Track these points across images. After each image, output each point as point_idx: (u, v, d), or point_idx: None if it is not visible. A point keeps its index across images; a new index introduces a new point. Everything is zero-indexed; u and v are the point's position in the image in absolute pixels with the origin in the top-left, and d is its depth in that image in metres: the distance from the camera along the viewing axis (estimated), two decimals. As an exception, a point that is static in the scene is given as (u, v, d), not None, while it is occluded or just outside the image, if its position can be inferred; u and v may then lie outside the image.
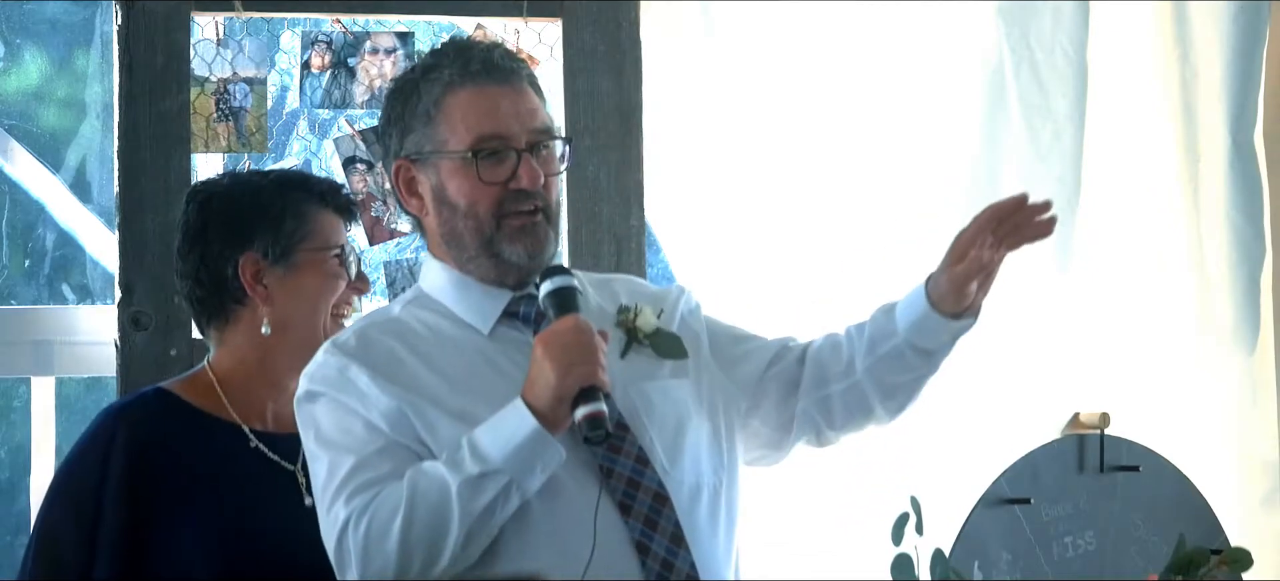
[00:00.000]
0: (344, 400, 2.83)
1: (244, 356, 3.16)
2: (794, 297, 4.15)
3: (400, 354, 2.86)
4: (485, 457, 2.73)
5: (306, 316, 3.15)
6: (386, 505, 2.75)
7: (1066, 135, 4.37)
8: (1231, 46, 4.46)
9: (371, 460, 2.79)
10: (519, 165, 2.85)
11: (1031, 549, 3.97)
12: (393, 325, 2.91)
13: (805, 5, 4.16)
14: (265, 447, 3.14)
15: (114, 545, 3.02)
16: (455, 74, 2.86)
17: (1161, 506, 4.08)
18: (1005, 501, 3.95)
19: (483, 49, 2.91)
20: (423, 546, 2.74)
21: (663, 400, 2.91)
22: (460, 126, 2.85)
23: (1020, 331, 4.31)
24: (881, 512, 3.20)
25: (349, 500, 2.77)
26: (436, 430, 2.80)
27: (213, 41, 3.83)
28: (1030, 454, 4.01)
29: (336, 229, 3.21)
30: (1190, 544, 3.38)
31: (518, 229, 2.87)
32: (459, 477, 2.72)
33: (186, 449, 3.10)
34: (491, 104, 2.86)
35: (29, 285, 4.13)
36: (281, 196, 3.17)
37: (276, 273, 3.14)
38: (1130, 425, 4.18)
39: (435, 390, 2.83)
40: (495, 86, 2.87)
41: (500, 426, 2.75)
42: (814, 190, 4.20)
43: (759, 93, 4.15)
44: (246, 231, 3.14)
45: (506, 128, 2.86)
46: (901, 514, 3.10)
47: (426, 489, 2.74)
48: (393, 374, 2.83)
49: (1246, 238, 4.48)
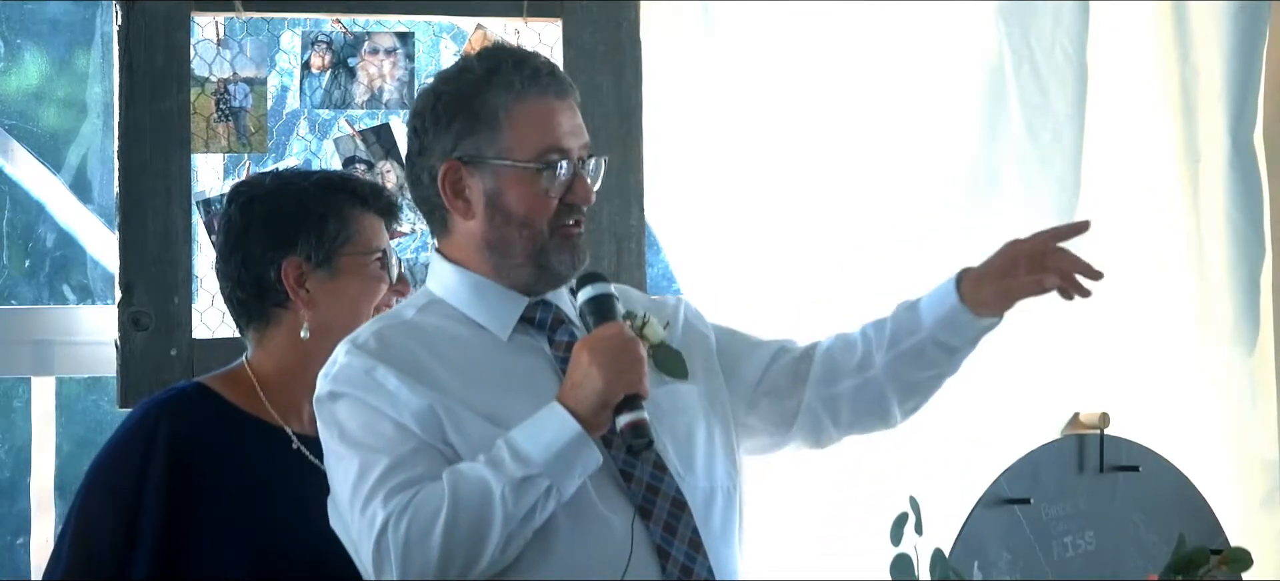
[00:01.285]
0: (371, 401, 2.81)
1: (284, 358, 3.15)
2: (794, 297, 4.15)
3: (420, 355, 2.85)
4: (528, 460, 2.73)
5: (347, 320, 3.10)
6: (428, 505, 2.73)
7: (1066, 135, 4.38)
8: (1231, 46, 4.46)
9: (406, 460, 2.77)
10: (575, 180, 2.86)
11: (1031, 549, 3.97)
12: (408, 328, 2.90)
13: (805, 5, 4.16)
14: (305, 450, 3.13)
15: (153, 540, 3.01)
16: (523, 82, 2.85)
17: (1161, 506, 4.08)
18: (1005, 501, 3.96)
19: (543, 60, 2.90)
20: (464, 547, 2.73)
21: (671, 405, 2.92)
22: (527, 136, 2.84)
23: (1020, 331, 4.30)
24: (881, 512, 3.20)
25: (387, 500, 2.75)
26: (466, 430, 2.80)
27: (213, 41, 3.83)
28: (1030, 454, 4.01)
29: (379, 232, 3.19)
30: (1190, 544, 3.38)
31: (565, 240, 2.87)
32: (503, 480, 2.72)
33: (229, 448, 3.08)
34: (555, 117, 2.86)
35: (29, 285, 4.13)
36: (325, 199, 3.15)
37: (319, 276, 3.13)
38: (1130, 425, 4.18)
39: (461, 391, 2.82)
40: (556, 100, 2.87)
41: (541, 430, 2.75)
42: (814, 190, 4.20)
43: (759, 93, 4.15)
44: (290, 234, 3.12)
45: (566, 142, 2.86)
46: (901, 514, 3.10)
47: (468, 490, 2.73)
48: (419, 375, 2.82)
49: (1246, 237, 4.48)
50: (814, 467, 4.12)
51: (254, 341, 3.18)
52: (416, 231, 3.95)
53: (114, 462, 3.08)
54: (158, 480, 3.03)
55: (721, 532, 2.91)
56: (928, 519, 3.14)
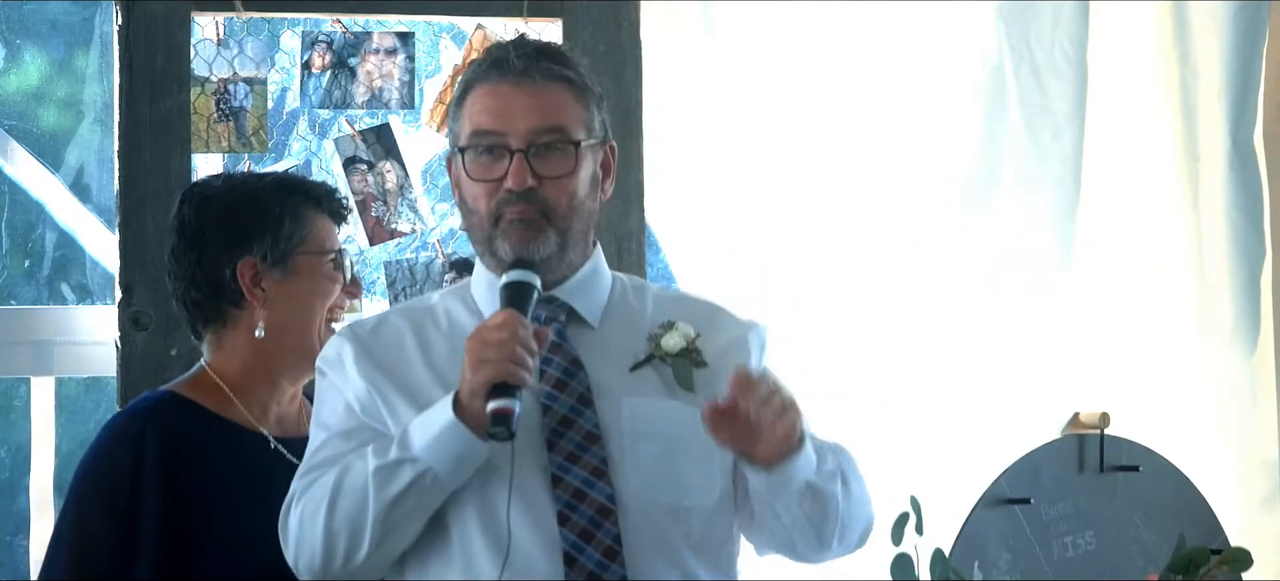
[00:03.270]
0: (335, 379, 2.86)
1: (244, 359, 3.15)
2: (794, 297, 4.16)
3: (402, 340, 2.86)
4: (407, 445, 2.73)
5: (301, 320, 3.14)
6: (316, 491, 2.75)
7: (1066, 135, 4.38)
8: (1231, 46, 4.46)
9: (335, 440, 2.82)
10: (510, 164, 2.83)
11: (1031, 549, 3.97)
12: (418, 311, 2.93)
13: (805, 5, 4.16)
14: (284, 450, 3.12)
15: (154, 547, 2.99)
16: (479, 69, 2.86)
17: (1161, 506, 4.08)
18: (1005, 501, 3.96)
19: (505, 45, 2.88)
20: (344, 533, 2.73)
21: (656, 417, 2.86)
22: (469, 122, 2.85)
23: (1020, 331, 4.31)
24: (881, 512, 3.19)
25: (301, 477, 2.80)
26: (398, 416, 2.81)
27: (213, 41, 3.83)
28: (1030, 454, 4.01)
29: (332, 233, 3.20)
30: (1190, 544, 3.39)
31: (509, 222, 2.84)
32: (377, 462, 2.73)
33: (215, 453, 3.08)
34: (495, 102, 2.84)
35: (29, 285, 4.12)
36: (280, 200, 3.15)
37: (274, 276, 3.13)
38: (1130, 425, 4.18)
39: (415, 380, 2.83)
40: (506, 84, 2.84)
41: (428, 418, 2.74)
42: (814, 190, 4.20)
43: (759, 93, 4.15)
44: (245, 234, 3.12)
45: (502, 125, 2.83)
46: (901, 514, 3.11)
47: (351, 477, 2.74)
48: (380, 358, 2.84)
49: (1246, 237, 4.48)
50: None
51: (211, 344, 3.17)
52: (416, 231, 3.95)
53: (105, 473, 3.06)
54: (153, 488, 3.01)
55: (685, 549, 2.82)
56: (928, 519, 3.15)
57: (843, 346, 4.18)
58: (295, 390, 3.21)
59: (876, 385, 4.18)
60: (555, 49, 2.92)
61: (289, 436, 3.15)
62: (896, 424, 4.18)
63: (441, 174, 3.97)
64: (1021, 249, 4.33)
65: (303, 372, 3.17)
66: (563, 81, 2.87)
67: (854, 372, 4.17)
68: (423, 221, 3.96)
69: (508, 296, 2.80)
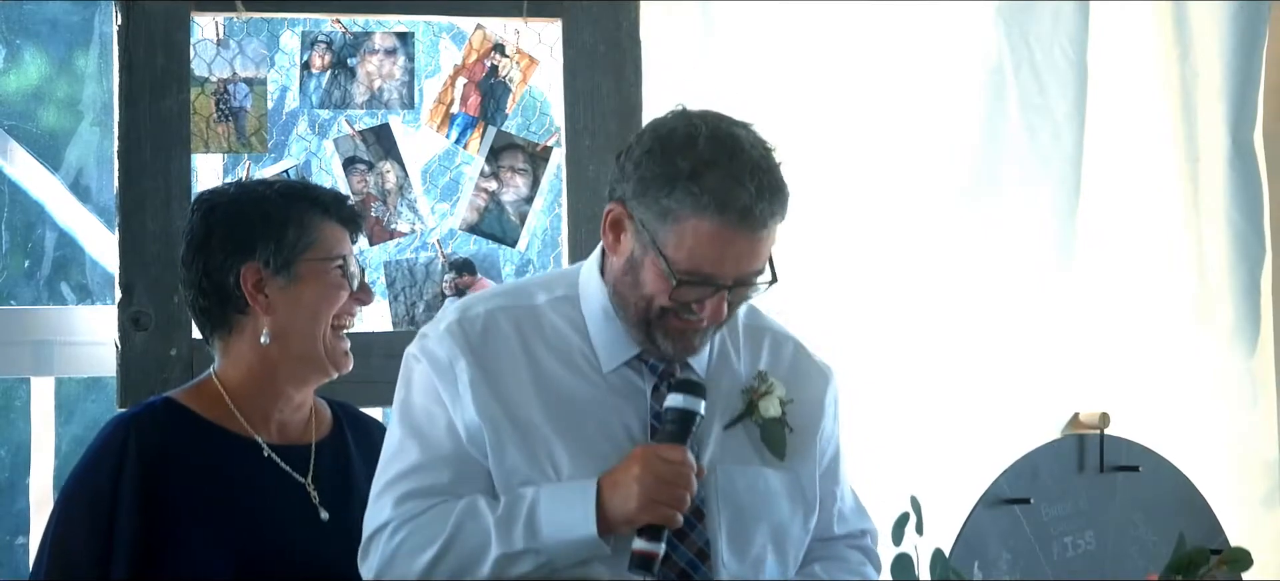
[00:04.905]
0: (440, 387, 2.83)
1: (249, 367, 3.15)
2: (794, 297, 4.15)
3: (515, 357, 2.83)
4: (536, 534, 2.72)
5: (305, 327, 3.13)
6: (426, 531, 2.74)
7: (1066, 135, 4.37)
8: (1231, 46, 4.46)
9: (436, 463, 2.79)
10: (711, 297, 2.79)
11: (1031, 549, 3.97)
12: (528, 316, 2.88)
13: (805, 6, 4.16)
14: (278, 458, 3.13)
15: (130, 555, 3.00)
16: (713, 202, 2.74)
17: (1161, 506, 4.08)
18: (1005, 501, 3.96)
19: (754, 186, 2.77)
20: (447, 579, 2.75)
21: (748, 487, 2.88)
22: (686, 249, 2.76)
23: (1020, 331, 4.31)
24: (882, 513, 3.19)
25: (398, 503, 2.77)
26: (504, 458, 2.79)
27: (213, 41, 3.83)
28: (1030, 454, 4.01)
29: (340, 240, 3.18)
30: (1190, 544, 3.38)
31: (680, 331, 2.82)
32: (503, 546, 2.72)
33: (199, 460, 3.08)
34: (724, 249, 2.77)
35: (29, 285, 4.12)
36: (286, 206, 3.15)
37: (278, 282, 3.12)
38: (1130, 425, 4.18)
39: (525, 414, 2.80)
40: (742, 234, 2.77)
41: (563, 509, 2.73)
42: (813, 190, 4.19)
43: (759, 93, 4.15)
44: (249, 240, 3.12)
45: (723, 270, 2.78)
46: (901, 514, 3.10)
47: (468, 537, 2.73)
48: (494, 383, 2.80)
49: (1246, 237, 4.48)
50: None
51: (220, 352, 3.18)
52: (416, 231, 3.95)
53: (87, 480, 3.07)
54: (131, 495, 3.02)
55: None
56: (928, 519, 3.14)
57: (843, 346, 4.17)
58: (303, 397, 3.20)
59: (876, 385, 4.18)
60: (782, 181, 2.85)
61: (291, 443, 3.15)
62: (897, 423, 4.17)
63: (441, 174, 3.97)
64: (1021, 249, 4.33)
65: (309, 379, 3.17)
66: (780, 218, 2.84)
67: (854, 372, 4.16)
68: (422, 221, 3.96)
69: (677, 423, 2.78)
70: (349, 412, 3.31)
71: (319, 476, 3.16)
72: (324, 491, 3.15)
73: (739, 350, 2.97)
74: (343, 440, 3.24)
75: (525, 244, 4.00)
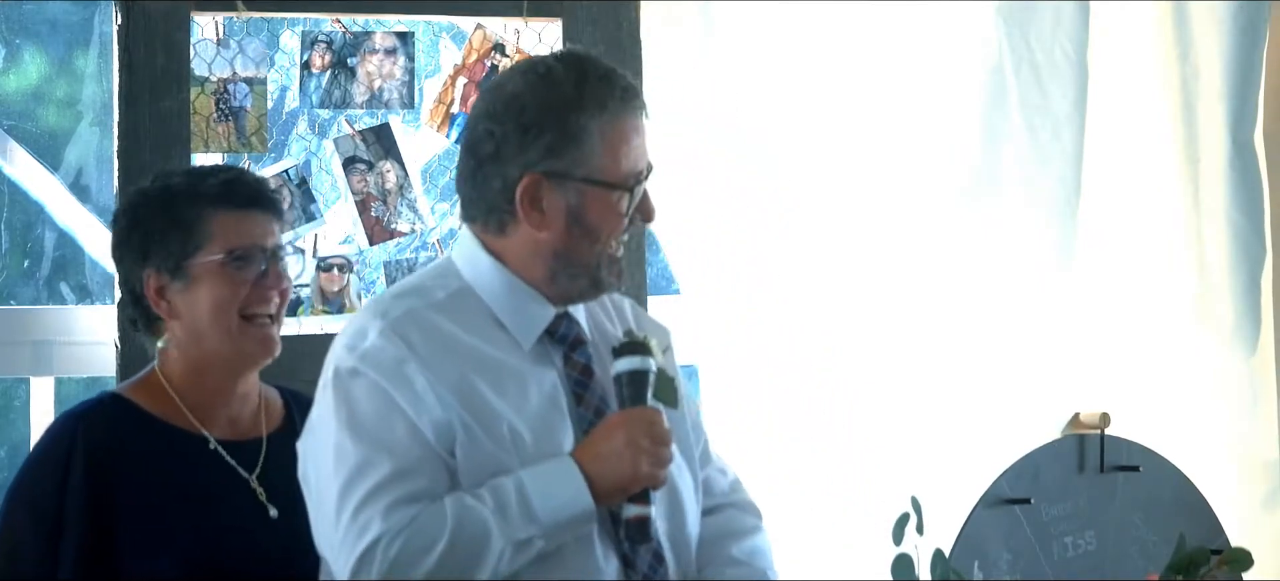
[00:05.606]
0: (393, 393, 2.74)
1: (184, 364, 3.10)
2: (793, 298, 4.16)
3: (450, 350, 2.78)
4: (534, 519, 2.71)
5: (209, 328, 3.05)
6: (425, 533, 2.69)
7: (1066, 135, 4.38)
8: (1231, 46, 4.46)
9: (411, 470, 2.72)
10: (644, 199, 2.83)
11: (1031, 549, 3.97)
12: (440, 312, 2.83)
13: (805, 5, 4.16)
14: (225, 453, 3.08)
15: (77, 556, 2.96)
16: (615, 102, 2.78)
17: (1161, 506, 4.08)
18: (1005, 501, 3.96)
19: (625, 77, 2.83)
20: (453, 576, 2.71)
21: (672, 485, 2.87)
22: (619, 158, 2.78)
23: (1020, 331, 4.31)
24: (881, 512, 3.19)
25: (387, 513, 2.69)
26: (476, 448, 2.75)
27: (213, 41, 3.83)
28: (1030, 454, 4.01)
29: (240, 229, 3.06)
30: (1190, 544, 3.38)
31: (614, 259, 2.84)
32: (506, 536, 2.69)
33: (146, 458, 3.03)
34: (639, 139, 2.82)
35: (28, 285, 4.12)
36: (167, 209, 3.07)
37: (176, 287, 3.06)
38: (1130, 425, 4.18)
39: (483, 405, 2.77)
40: (637, 118, 2.82)
41: (555, 489, 2.72)
42: (814, 190, 4.20)
43: (759, 93, 4.15)
44: (144, 247, 3.07)
45: (646, 160, 2.83)
46: (902, 514, 3.10)
47: (470, 532, 2.69)
48: (449, 379, 2.76)
49: (1246, 237, 4.48)
50: (815, 468, 4.12)
51: (156, 351, 3.14)
52: (416, 231, 3.94)
53: (33, 479, 3.03)
54: (78, 492, 2.98)
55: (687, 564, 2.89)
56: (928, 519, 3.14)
57: (842, 346, 4.18)
58: (246, 388, 3.14)
59: (876, 385, 4.18)
60: None
61: (242, 438, 3.11)
62: (897, 424, 4.18)
63: (441, 174, 3.97)
64: (1021, 249, 4.33)
65: (239, 371, 3.11)
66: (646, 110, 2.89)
67: (854, 372, 4.17)
68: (422, 221, 3.95)
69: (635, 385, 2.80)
70: (300, 401, 3.19)
71: (267, 472, 3.10)
72: (273, 488, 3.08)
73: (596, 313, 2.96)
74: (295, 431, 3.12)
75: (525, 244, 4.00)
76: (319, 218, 3.89)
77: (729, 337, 4.14)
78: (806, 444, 4.12)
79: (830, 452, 4.13)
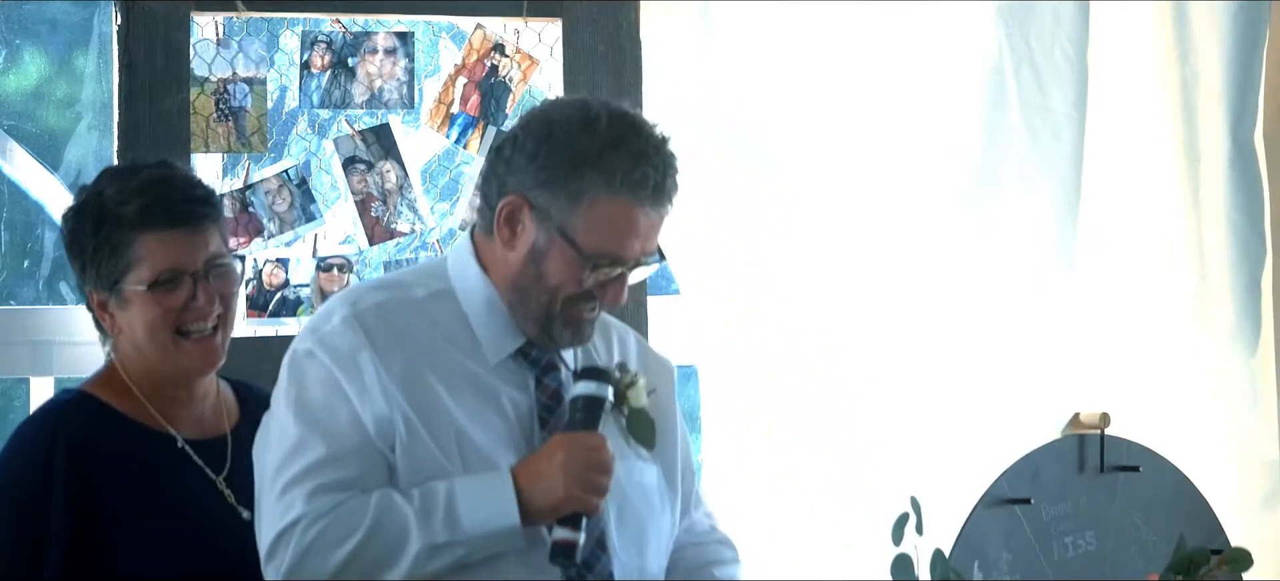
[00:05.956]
0: (342, 380, 2.76)
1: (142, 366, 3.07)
2: (793, 297, 4.15)
3: (412, 346, 2.79)
4: (457, 527, 2.70)
5: (147, 345, 3.03)
6: (343, 524, 2.69)
7: (1066, 135, 4.37)
8: (1231, 46, 4.46)
9: (344, 458, 2.73)
10: (616, 280, 2.80)
11: (1031, 549, 3.97)
12: (413, 308, 2.84)
13: (805, 6, 4.16)
14: (192, 452, 3.06)
15: (62, 551, 2.94)
16: (624, 183, 2.76)
17: (1161, 506, 4.08)
18: (1005, 501, 3.95)
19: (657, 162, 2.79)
20: (360, 576, 2.71)
21: (632, 486, 2.88)
22: (596, 233, 2.77)
23: (1021, 331, 4.31)
24: (881, 512, 3.19)
25: (310, 497, 2.70)
26: (414, 449, 2.75)
27: (213, 41, 3.83)
28: (1030, 454, 4.01)
29: (163, 250, 3.01)
30: (1190, 544, 3.37)
31: (575, 320, 2.82)
32: (424, 538, 2.69)
33: (123, 457, 3.01)
34: (630, 226, 2.78)
35: (28, 285, 4.12)
36: (98, 229, 3.03)
37: (114, 304, 3.05)
38: (1130, 425, 4.18)
39: (434, 406, 2.77)
40: (646, 209, 2.79)
41: (483, 501, 2.71)
42: (813, 190, 4.20)
43: (759, 93, 4.15)
44: (81, 266, 3.07)
45: (631, 250, 2.80)
46: (901, 514, 3.10)
47: (388, 530, 2.69)
48: (400, 375, 2.77)
49: (1246, 237, 4.48)
50: (815, 468, 4.12)
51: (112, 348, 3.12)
52: (415, 231, 3.94)
53: (14, 479, 3.00)
54: (61, 493, 2.95)
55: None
56: (928, 519, 3.14)
57: (843, 347, 4.17)
58: (204, 388, 3.12)
59: (877, 385, 4.18)
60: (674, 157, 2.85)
61: (208, 437, 3.09)
62: (897, 424, 4.17)
63: (441, 174, 3.97)
64: (1021, 249, 4.33)
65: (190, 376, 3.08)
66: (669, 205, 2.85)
67: (854, 372, 4.17)
68: (422, 221, 3.95)
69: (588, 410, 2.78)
70: (254, 394, 3.18)
71: (234, 472, 3.07)
72: (241, 488, 3.05)
73: (596, 344, 2.96)
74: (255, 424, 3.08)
75: (525, 244, 4.00)
76: (319, 218, 3.89)
77: (729, 337, 4.13)
78: (806, 444, 4.11)
79: (830, 452, 4.13)
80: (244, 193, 3.86)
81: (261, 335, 3.82)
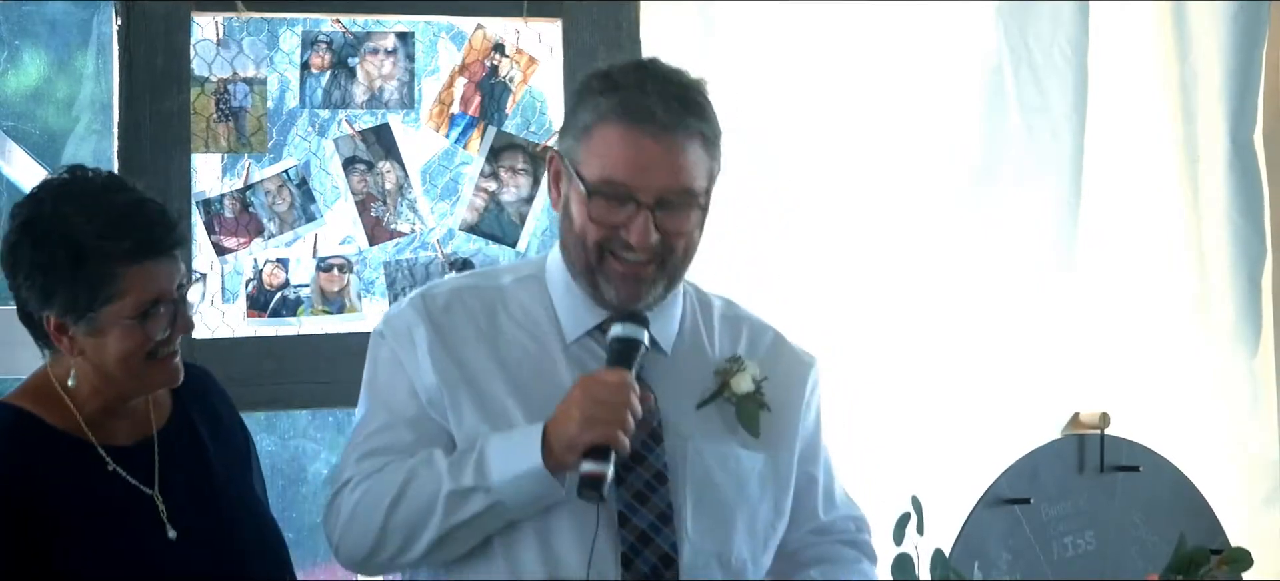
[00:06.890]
0: (402, 356, 2.87)
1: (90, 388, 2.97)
2: (794, 297, 4.15)
3: (475, 325, 2.88)
4: (484, 474, 2.74)
5: (115, 371, 2.94)
6: (384, 482, 2.79)
7: (1066, 135, 4.38)
8: (1231, 46, 4.46)
9: (396, 425, 2.85)
10: (635, 218, 2.79)
11: (1031, 549, 3.97)
12: (489, 292, 2.93)
13: (805, 6, 4.16)
14: (123, 471, 2.97)
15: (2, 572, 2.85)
16: (618, 106, 2.78)
17: (1161, 506, 4.08)
18: (1005, 501, 3.96)
19: (657, 92, 2.79)
20: (400, 534, 2.79)
21: (721, 467, 2.88)
22: (596, 160, 2.79)
23: (1021, 331, 4.31)
24: (882, 513, 3.20)
25: (360, 461, 2.84)
26: (462, 418, 2.83)
27: (213, 41, 3.83)
28: (1030, 454, 4.01)
29: (152, 278, 2.91)
30: (1190, 544, 3.38)
31: (620, 274, 2.82)
32: (451, 485, 2.75)
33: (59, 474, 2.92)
34: (634, 152, 2.78)
35: (28, 285, 4.11)
36: (76, 264, 2.89)
37: (81, 329, 2.92)
38: (1130, 425, 4.18)
39: (484, 378, 2.84)
40: (647, 137, 2.78)
41: (511, 449, 2.75)
42: (814, 190, 4.20)
43: (759, 93, 4.15)
44: (50, 289, 2.91)
45: (636, 180, 2.77)
46: (902, 514, 3.11)
47: (422, 482, 2.77)
48: (454, 349, 2.85)
49: (1246, 238, 4.48)
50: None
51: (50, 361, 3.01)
52: (415, 231, 3.94)
53: None
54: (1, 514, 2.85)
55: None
56: (928, 519, 3.15)
57: (842, 345, 4.17)
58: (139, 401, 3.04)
59: (877, 384, 4.18)
60: (695, 97, 2.85)
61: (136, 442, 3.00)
62: (897, 424, 4.17)
63: (441, 174, 3.97)
64: (1021, 249, 4.33)
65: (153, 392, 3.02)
66: (698, 135, 2.83)
67: (854, 372, 4.17)
68: (422, 221, 3.95)
69: (617, 352, 2.79)
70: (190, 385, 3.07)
71: (165, 481, 3.00)
72: (174, 498, 2.99)
73: (714, 337, 2.98)
74: (186, 420, 3.08)
75: (525, 244, 4.00)
76: (319, 218, 3.89)
77: (729, 337, 4.13)
78: (806, 444, 4.11)
79: (830, 452, 4.13)
80: (244, 193, 3.86)
81: (261, 335, 3.82)
